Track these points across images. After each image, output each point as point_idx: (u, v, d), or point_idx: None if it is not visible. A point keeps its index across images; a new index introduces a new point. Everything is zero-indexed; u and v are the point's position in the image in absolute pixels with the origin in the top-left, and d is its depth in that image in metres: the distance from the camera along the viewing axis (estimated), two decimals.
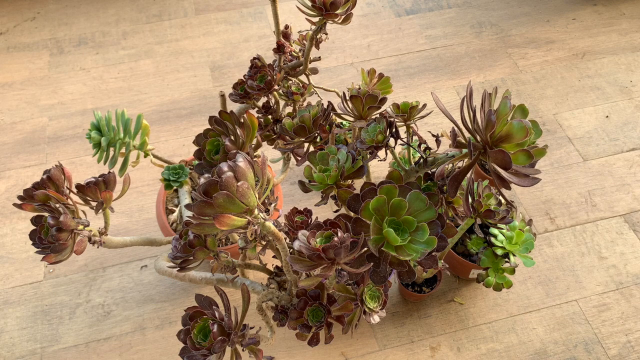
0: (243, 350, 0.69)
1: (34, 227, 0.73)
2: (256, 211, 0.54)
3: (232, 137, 0.74)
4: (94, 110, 0.83)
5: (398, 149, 1.32)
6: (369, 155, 0.73)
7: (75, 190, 0.76)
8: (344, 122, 1.25)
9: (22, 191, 0.73)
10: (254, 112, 0.97)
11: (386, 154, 0.80)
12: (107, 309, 1.17)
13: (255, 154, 0.78)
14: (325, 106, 0.79)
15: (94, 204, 0.78)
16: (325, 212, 1.30)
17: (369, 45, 1.74)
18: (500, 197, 0.87)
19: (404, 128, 0.85)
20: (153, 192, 1.36)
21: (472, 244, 1.12)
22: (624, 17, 1.81)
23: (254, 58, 0.88)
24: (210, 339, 0.63)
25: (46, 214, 0.71)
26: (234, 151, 0.63)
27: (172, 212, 1.13)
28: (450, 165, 0.78)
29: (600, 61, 1.67)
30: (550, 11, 1.85)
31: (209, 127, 0.76)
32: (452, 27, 1.80)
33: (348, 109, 0.80)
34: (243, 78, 0.89)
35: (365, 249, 0.58)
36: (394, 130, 0.73)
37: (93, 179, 0.77)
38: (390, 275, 0.64)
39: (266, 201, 0.84)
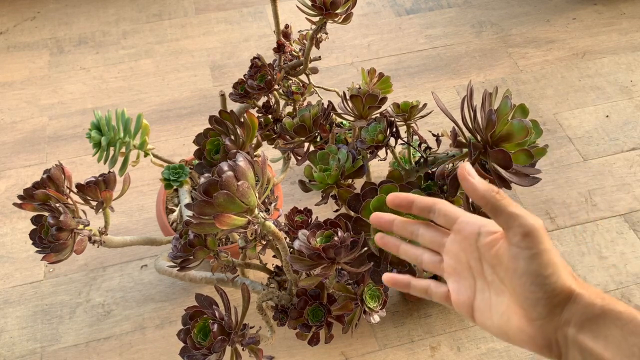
0: (243, 349, 0.69)
1: (34, 227, 0.73)
2: (256, 211, 0.54)
3: (232, 137, 0.74)
4: (94, 110, 0.83)
5: (398, 148, 1.32)
6: (369, 155, 0.73)
7: (75, 190, 0.76)
8: (344, 122, 1.25)
9: (22, 191, 0.73)
10: (254, 111, 0.97)
11: (386, 153, 0.80)
12: (107, 308, 1.17)
13: (255, 153, 0.78)
14: (325, 106, 0.79)
15: (94, 203, 0.78)
16: (325, 211, 1.30)
17: (369, 44, 1.74)
18: None
19: (405, 127, 0.85)
20: (153, 191, 1.36)
21: None
22: (624, 16, 1.81)
23: (254, 57, 0.88)
24: (210, 339, 0.63)
25: (46, 214, 0.71)
26: (234, 151, 0.63)
27: (172, 211, 1.13)
28: (451, 164, 0.78)
29: (600, 61, 1.67)
30: (551, 11, 1.85)
31: (209, 126, 0.76)
32: (452, 26, 1.80)
33: (348, 108, 0.80)
34: (243, 77, 0.89)
35: (366, 248, 0.58)
36: (394, 129, 0.73)
37: (93, 179, 0.77)
38: None
39: (266, 200, 0.84)
